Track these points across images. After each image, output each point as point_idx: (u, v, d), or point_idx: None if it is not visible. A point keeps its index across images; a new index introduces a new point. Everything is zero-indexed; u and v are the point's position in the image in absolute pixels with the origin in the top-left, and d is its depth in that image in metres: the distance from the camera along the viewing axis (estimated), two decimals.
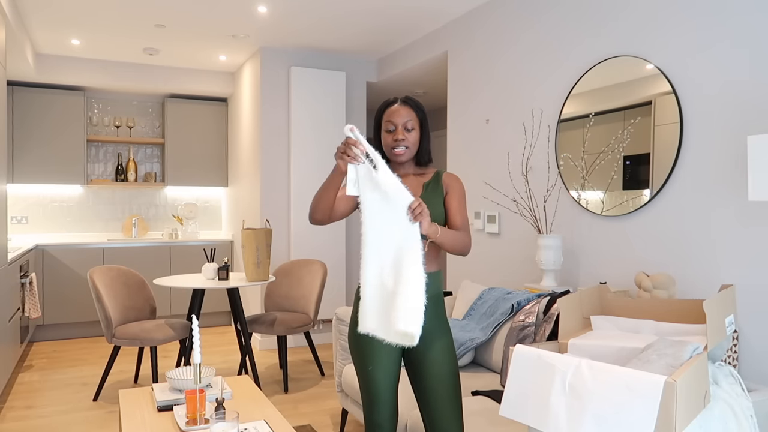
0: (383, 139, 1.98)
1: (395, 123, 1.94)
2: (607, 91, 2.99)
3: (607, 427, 1.53)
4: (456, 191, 2.00)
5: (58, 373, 4.43)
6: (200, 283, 3.83)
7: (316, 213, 1.89)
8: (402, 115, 1.95)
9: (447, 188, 2.00)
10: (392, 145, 1.95)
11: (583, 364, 1.62)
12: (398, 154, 1.95)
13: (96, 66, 5.61)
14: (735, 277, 2.40)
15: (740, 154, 2.39)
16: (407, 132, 1.95)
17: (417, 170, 2.04)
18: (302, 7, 4.10)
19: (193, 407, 2.00)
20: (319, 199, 1.87)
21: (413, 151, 1.98)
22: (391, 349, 1.94)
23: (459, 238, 1.91)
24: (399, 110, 1.95)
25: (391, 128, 1.96)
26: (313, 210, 1.89)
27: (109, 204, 6.20)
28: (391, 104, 1.98)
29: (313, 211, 1.89)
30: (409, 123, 1.95)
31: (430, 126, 5.04)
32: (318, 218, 1.90)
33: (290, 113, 5.17)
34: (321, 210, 1.88)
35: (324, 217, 1.90)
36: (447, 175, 2.04)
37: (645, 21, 2.80)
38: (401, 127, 1.94)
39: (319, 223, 1.91)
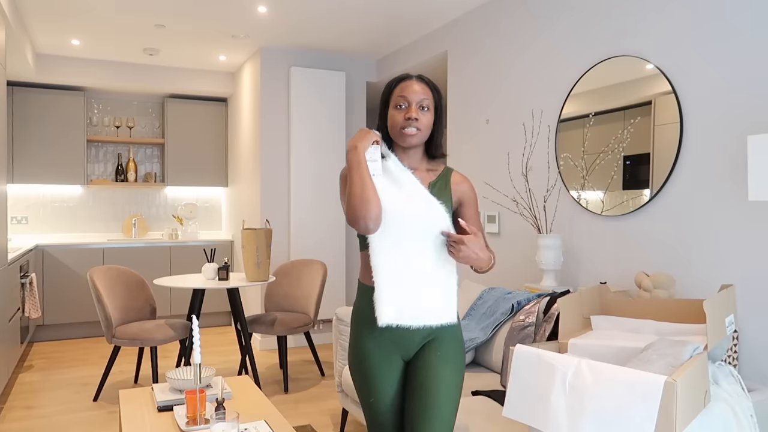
0: (391, 118, 1.71)
1: (409, 99, 1.69)
2: (607, 91, 2.99)
3: (607, 427, 1.53)
4: (471, 199, 1.79)
5: (58, 373, 4.43)
6: (200, 283, 3.83)
7: (370, 208, 1.58)
8: (417, 92, 1.69)
9: (458, 195, 1.77)
10: (402, 124, 1.69)
11: (583, 364, 1.62)
12: (408, 135, 1.68)
13: (96, 66, 5.61)
14: (735, 277, 2.40)
15: (740, 154, 2.38)
16: (421, 111, 1.69)
17: (425, 164, 1.80)
18: (302, 7, 4.10)
19: (193, 407, 2.00)
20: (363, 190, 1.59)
21: (424, 137, 1.73)
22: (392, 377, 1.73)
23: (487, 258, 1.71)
24: (414, 86, 1.70)
25: (402, 104, 1.70)
26: (365, 208, 1.58)
27: (109, 204, 6.20)
28: (405, 79, 1.72)
29: (367, 209, 1.58)
30: (425, 102, 1.69)
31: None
32: (376, 213, 1.59)
33: (290, 113, 5.17)
34: (372, 200, 1.59)
35: (379, 209, 1.60)
36: (457, 176, 1.79)
37: (645, 21, 2.80)
38: (415, 105, 1.69)
39: (378, 221, 1.60)
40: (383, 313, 1.61)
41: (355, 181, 1.59)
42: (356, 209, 1.58)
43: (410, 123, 1.67)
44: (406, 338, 1.70)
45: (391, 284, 1.62)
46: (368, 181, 1.60)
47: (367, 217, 1.58)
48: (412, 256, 1.63)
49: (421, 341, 1.71)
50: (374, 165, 1.66)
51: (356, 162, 1.62)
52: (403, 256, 1.63)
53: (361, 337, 1.75)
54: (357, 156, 1.62)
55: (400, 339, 1.70)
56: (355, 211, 1.58)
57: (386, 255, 1.62)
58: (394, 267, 1.62)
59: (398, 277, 1.62)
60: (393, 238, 1.63)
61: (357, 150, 1.63)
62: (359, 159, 1.62)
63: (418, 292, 1.63)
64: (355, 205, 1.58)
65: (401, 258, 1.63)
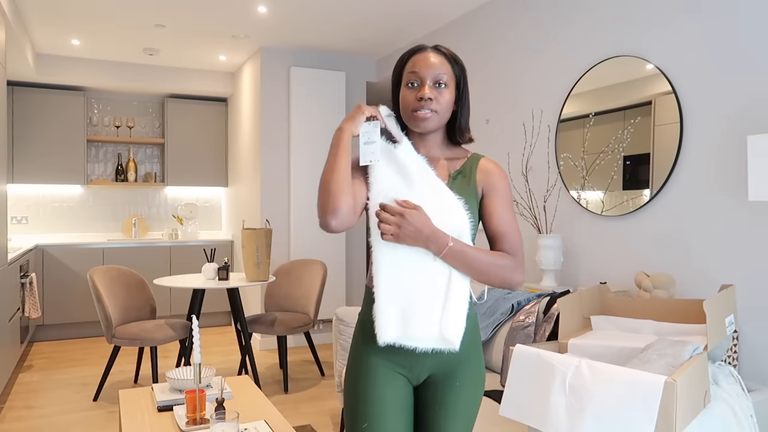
0: (402, 98, 1.41)
1: (421, 76, 1.38)
2: (607, 91, 2.99)
3: (607, 427, 1.52)
4: (499, 188, 1.43)
5: (58, 373, 4.43)
6: (200, 283, 3.83)
7: (331, 200, 1.30)
8: (433, 66, 1.38)
9: (485, 184, 1.43)
10: (414, 106, 1.38)
11: (583, 364, 1.62)
12: (421, 119, 1.38)
13: (96, 66, 5.61)
14: (735, 277, 2.40)
15: (740, 154, 2.38)
16: (437, 89, 1.38)
17: (447, 152, 1.48)
18: (302, 7, 4.10)
19: (193, 407, 2.00)
20: (329, 179, 1.32)
21: (443, 119, 1.42)
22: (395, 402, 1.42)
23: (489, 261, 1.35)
24: (429, 58, 1.39)
25: (414, 82, 1.39)
26: (325, 199, 1.31)
27: (109, 204, 6.20)
28: (419, 51, 1.42)
29: (326, 200, 1.31)
30: (442, 77, 1.38)
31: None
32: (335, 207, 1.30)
33: (290, 113, 5.17)
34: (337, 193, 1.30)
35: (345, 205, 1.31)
36: (486, 163, 1.45)
37: (645, 21, 2.80)
38: (430, 81, 1.38)
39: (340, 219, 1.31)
40: (383, 331, 1.35)
41: (325, 166, 1.34)
42: (319, 200, 1.32)
43: (423, 105, 1.37)
44: (415, 359, 1.41)
45: (395, 299, 1.35)
46: (341, 167, 1.32)
47: (327, 211, 1.30)
48: (422, 268, 1.35)
49: (433, 366, 1.43)
50: (369, 149, 1.36)
51: (334, 143, 1.35)
52: (411, 266, 1.35)
53: (363, 350, 1.46)
54: (339, 137, 1.35)
55: (407, 359, 1.42)
56: (319, 202, 1.32)
57: (390, 265, 1.35)
58: (399, 279, 1.35)
59: (404, 290, 1.35)
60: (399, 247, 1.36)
61: (342, 131, 1.35)
62: (339, 140, 1.34)
63: (428, 309, 1.35)
64: (319, 194, 1.33)
65: (409, 269, 1.35)
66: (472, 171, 1.44)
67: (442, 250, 1.32)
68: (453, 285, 1.36)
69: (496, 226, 1.42)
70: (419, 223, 1.31)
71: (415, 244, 1.33)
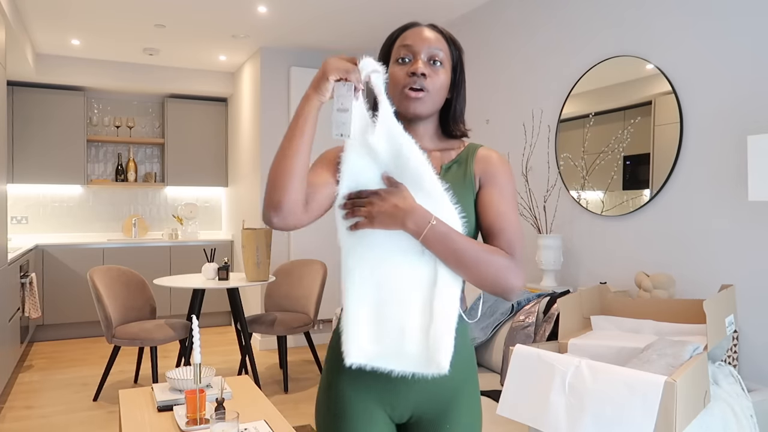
0: (391, 77, 1.20)
1: (415, 49, 1.19)
2: (607, 91, 2.99)
3: (607, 427, 1.52)
4: (498, 177, 1.21)
5: (58, 373, 4.43)
6: (200, 283, 3.83)
7: (274, 192, 1.07)
8: (428, 41, 1.19)
9: (482, 173, 1.21)
10: (405, 82, 1.18)
11: (583, 364, 1.62)
12: (413, 98, 1.17)
13: (96, 66, 5.61)
14: (735, 277, 2.40)
15: (740, 154, 2.38)
16: (432, 67, 1.19)
17: (440, 144, 1.27)
18: (302, 7, 4.10)
19: (193, 407, 2.00)
20: (276, 164, 1.08)
21: (436, 103, 1.21)
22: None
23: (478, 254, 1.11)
24: (423, 32, 1.20)
25: (406, 57, 1.20)
26: (269, 190, 1.08)
27: (109, 204, 6.20)
28: (412, 26, 1.23)
29: (269, 191, 1.08)
30: (437, 54, 1.19)
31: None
32: (278, 201, 1.07)
33: (290, 113, 5.17)
34: (282, 183, 1.06)
35: (290, 201, 1.07)
36: (486, 151, 1.25)
37: (645, 21, 2.80)
38: (424, 56, 1.19)
39: (283, 216, 1.08)
40: (351, 348, 1.11)
41: (280, 147, 1.09)
42: (267, 188, 1.08)
43: (415, 80, 1.17)
44: (395, 391, 1.18)
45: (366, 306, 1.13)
46: (293, 150, 1.07)
47: (269, 205, 1.07)
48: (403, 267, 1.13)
49: (418, 403, 1.19)
50: (340, 118, 1.08)
51: (296, 114, 1.09)
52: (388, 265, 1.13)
53: (333, 377, 1.23)
54: (300, 108, 1.09)
55: (386, 389, 1.18)
56: (266, 189, 1.09)
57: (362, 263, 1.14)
58: (372, 288, 1.13)
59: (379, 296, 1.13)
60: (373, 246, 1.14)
61: (305, 99, 1.09)
62: (299, 113, 1.09)
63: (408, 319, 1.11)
64: (267, 181, 1.09)
65: (384, 276, 1.13)
66: (469, 160, 1.22)
67: (423, 230, 1.09)
68: (441, 290, 1.12)
69: (492, 221, 1.17)
70: (395, 198, 1.10)
71: (392, 226, 1.10)
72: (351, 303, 1.13)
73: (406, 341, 1.11)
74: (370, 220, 1.11)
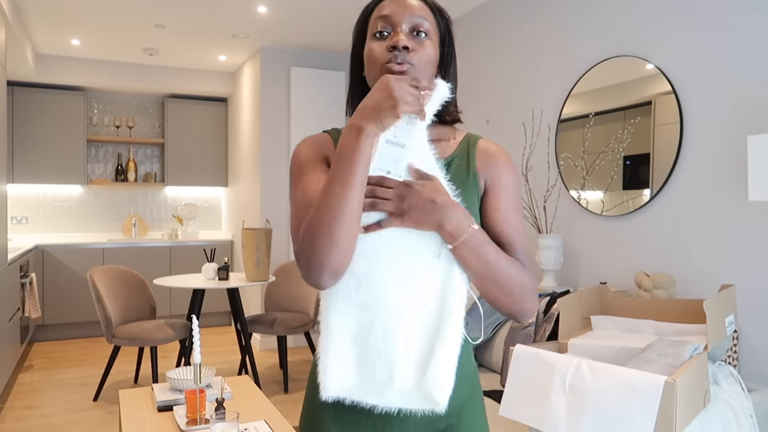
0: (368, 54, 0.99)
1: (394, 19, 0.98)
2: (607, 91, 2.99)
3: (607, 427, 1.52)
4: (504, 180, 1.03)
5: (58, 373, 4.43)
6: (200, 283, 3.83)
7: (335, 252, 0.87)
8: (410, 8, 0.98)
9: (487, 174, 1.03)
10: (384, 59, 0.96)
11: (583, 364, 1.62)
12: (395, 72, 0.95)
13: (96, 66, 5.61)
14: (735, 277, 2.40)
15: (740, 154, 2.38)
16: (416, 39, 0.98)
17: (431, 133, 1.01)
18: (302, 7, 4.10)
19: (193, 407, 2.00)
20: (336, 217, 0.86)
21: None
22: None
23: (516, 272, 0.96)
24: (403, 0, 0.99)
25: (384, 30, 0.99)
26: (324, 249, 0.87)
27: (109, 204, 6.20)
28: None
29: (326, 251, 0.87)
30: (422, 23, 0.98)
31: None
32: (340, 262, 0.88)
33: (290, 113, 5.17)
34: (346, 241, 0.87)
35: (350, 253, 0.89)
36: (487, 144, 1.06)
37: (645, 21, 2.80)
38: (406, 27, 0.98)
39: (334, 275, 0.89)
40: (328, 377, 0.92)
41: (331, 194, 0.86)
42: (310, 247, 0.87)
43: (397, 55, 0.95)
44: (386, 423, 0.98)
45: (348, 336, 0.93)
46: (353, 199, 0.86)
47: (326, 267, 0.87)
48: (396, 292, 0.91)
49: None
50: (393, 153, 0.90)
51: (346, 157, 0.87)
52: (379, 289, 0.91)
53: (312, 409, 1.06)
54: (355, 146, 0.86)
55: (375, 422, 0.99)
56: (309, 249, 0.87)
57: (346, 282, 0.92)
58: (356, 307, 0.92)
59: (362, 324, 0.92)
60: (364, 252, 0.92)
61: (361, 134, 0.86)
62: (353, 152, 0.86)
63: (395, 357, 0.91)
64: (312, 238, 0.87)
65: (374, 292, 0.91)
66: (470, 155, 1.04)
67: (461, 234, 0.90)
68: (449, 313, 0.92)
69: (501, 232, 1.01)
70: (431, 191, 0.90)
71: (427, 225, 0.90)
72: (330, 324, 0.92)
73: (396, 376, 0.91)
74: (400, 217, 0.90)
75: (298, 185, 1.00)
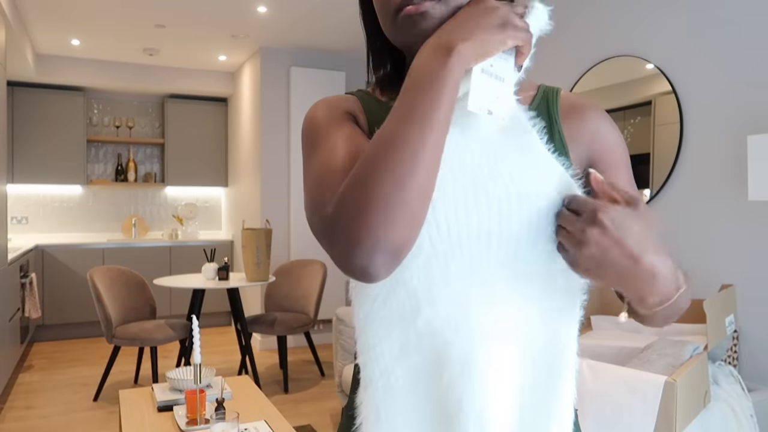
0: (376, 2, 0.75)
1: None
2: (607, 91, 2.99)
3: (607, 426, 1.53)
4: (615, 152, 0.77)
5: (58, 373, 4.43)
6: (200, 283, 3.83)
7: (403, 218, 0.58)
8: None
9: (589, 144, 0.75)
10: (397, 3, 0.70)
11: (584, 364, 1.62)
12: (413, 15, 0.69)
13: (96, 66, 5.60)
14: (735, 277, 2.40)
15: (740, 154, 2.38)
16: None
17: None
18: (302, 7, 4.10)
19: (193, 407, 2.00)
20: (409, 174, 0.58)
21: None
22: None
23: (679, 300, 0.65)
24: None
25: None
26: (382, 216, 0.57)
27: (109, 204, 6.20)
28: None
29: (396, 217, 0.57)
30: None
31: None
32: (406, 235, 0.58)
33: (290, 113, 5.17)
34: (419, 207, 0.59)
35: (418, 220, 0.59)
36: (579, 100, 0.78)
37: (645, 21, 2.80)
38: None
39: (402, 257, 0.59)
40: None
41: (400, 136, 0.59)
42: (366, 211, 0.58)
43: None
44: None
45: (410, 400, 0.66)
46: (434, 154, 0.60)
47: (387, 243, 0.58)
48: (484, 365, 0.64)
49: None
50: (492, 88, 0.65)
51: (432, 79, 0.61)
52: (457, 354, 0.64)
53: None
54: (446, 68, 0.61)
55: None
56: (361, 213, 0.58)
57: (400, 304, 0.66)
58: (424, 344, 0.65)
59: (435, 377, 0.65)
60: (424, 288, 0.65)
61: (454, 52, 0.61)
62: (448, 75, 0.61)
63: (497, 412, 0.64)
64: (367, 199, 0.58)
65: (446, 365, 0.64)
66: (553, 117, 0.74)
67: (669, 298, 0.63)
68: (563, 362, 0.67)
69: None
70: (639, 242, 0.60)
71: (619, 283, 0.62)
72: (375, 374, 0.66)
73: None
74: (589, 265, 0.62)
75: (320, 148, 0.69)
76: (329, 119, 0.74)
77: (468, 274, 0.64)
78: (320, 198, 0.64)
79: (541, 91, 0.78)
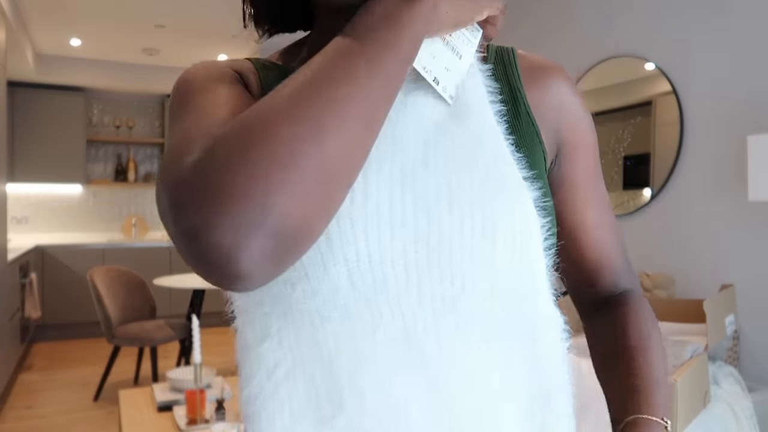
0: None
1: None
2: (607, 91, 2.99)
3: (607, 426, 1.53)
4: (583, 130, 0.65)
5: (58, 373, 4.42)
6: (200, 283, 3.83)
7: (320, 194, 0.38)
8: None
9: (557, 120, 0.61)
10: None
11: (584, 364, 1.62)
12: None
13: (96, 66, 5.60)
14: (735, 277, 2.40)
15: (740, 154, 2.38)
16: None
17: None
18: None
19: (193, 407, 2.00)
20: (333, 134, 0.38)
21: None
22: None
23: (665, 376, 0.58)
24: None
25: None
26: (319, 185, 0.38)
27: (109, 204, 6.20)
28: None
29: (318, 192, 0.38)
30: None
31: None
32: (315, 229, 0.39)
33: None
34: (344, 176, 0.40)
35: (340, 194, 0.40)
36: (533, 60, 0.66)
37: (645, 21, 2.80)
38: None
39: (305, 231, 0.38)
40: None
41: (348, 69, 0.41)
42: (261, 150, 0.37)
43: None
44: None
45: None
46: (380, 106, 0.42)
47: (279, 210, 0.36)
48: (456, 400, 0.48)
49: None
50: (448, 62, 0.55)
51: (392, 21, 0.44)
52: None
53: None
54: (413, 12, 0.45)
55: None
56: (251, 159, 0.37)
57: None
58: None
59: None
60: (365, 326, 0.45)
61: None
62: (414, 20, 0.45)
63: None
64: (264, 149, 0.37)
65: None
66: (514, 86, 0.60)
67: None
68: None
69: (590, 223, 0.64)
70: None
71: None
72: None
73: None
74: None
75: (193, 106, 0.48)
76: (209, 77, 0.52)
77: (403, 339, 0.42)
78: (183, 148, 0.42)
79: (492, 52, 0.60)
